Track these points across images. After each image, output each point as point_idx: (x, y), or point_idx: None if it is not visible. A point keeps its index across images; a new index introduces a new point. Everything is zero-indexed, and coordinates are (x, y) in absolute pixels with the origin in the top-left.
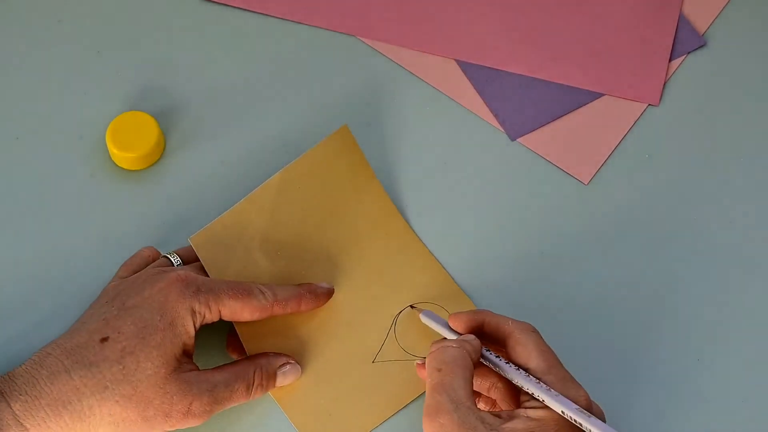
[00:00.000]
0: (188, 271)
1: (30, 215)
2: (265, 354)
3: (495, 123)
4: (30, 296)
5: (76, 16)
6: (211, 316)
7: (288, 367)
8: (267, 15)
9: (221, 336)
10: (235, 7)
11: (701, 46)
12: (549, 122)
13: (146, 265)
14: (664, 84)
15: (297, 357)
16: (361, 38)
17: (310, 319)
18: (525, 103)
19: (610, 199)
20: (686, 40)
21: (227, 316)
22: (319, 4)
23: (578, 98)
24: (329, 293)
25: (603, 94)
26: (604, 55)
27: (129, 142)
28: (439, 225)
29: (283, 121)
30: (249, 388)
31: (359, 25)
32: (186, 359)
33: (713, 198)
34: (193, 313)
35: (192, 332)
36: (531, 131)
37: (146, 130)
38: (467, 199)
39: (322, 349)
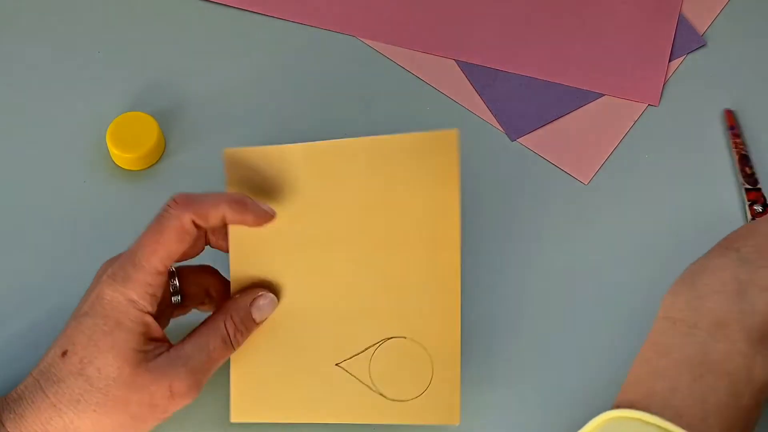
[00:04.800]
0: (114, 259)
1: (30, 215)
2: (232, 299)
3: (495, 123)
4: (29, 296)
5: (77, 16)
6: (156, 288)
7: (261, 300)
8: (267, 15)
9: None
10: (235, 7)
11: (701, 46)
12: (549, 122)
13: None
14: (664, 84)
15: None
16: (361, 38)
17: (312, 287)
18: (525, 103)
19: (610, 199)
20: (686, 40)
21: (171, 264)
22: (319, 4)
23: (578, 98)
24: (264, 216)
25: (603, 94)
26: (604, 55)
27: (129, 142)
28: None
29: (283, 122)
30: (227, 341)
31: (359, 25)
32: (151, 345)
33: (713, 198)
34: (134, 302)
35: (146, 318)
36: (531, 131)
37: (146, 130)
38: (467, 200)
39: (303, 323)
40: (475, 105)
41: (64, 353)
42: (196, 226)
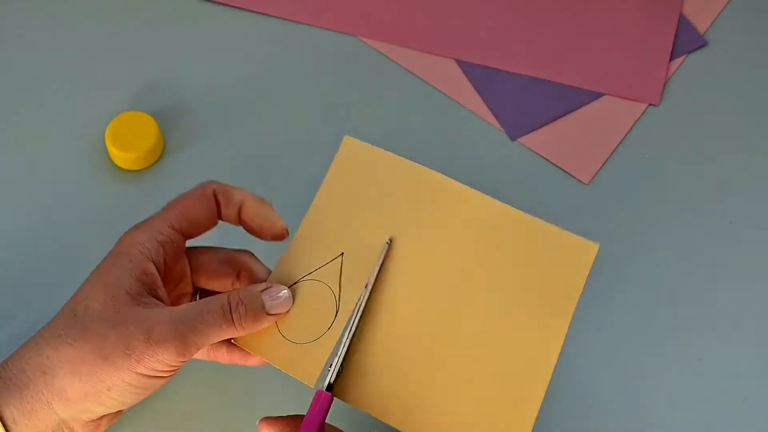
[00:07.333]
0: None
1: (30, 215)
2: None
3: (495, 123)
4: (29, 296)
5: (77, 15)
6: (165, 238)
7: (277, 291)
8: (267, 15)
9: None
10: (235, 7)
11: (701, 46)
12: (549, 122)
13: None
14: (665, 84)
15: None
16: (361, 38)
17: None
18: (525, 103)
19: (610, 199)
20: (687, 39)
21: (187, 229)
22: (319, 4)
23: (578, 98)
24: (277, 227)
25: (603, 94)
26: (605, 55)
27: (128, 142)
28: None
29: (283, 122)
30: (225, 310)
31: (359, 25)
32: (147, 299)
33: (713, 198)
34: (140, 244)
35: (147, 265)
36: (531, 131)
37: (146, 130)
38: None
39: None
40: (475, 105)
41: (71, 298)
42: (216, 197)
